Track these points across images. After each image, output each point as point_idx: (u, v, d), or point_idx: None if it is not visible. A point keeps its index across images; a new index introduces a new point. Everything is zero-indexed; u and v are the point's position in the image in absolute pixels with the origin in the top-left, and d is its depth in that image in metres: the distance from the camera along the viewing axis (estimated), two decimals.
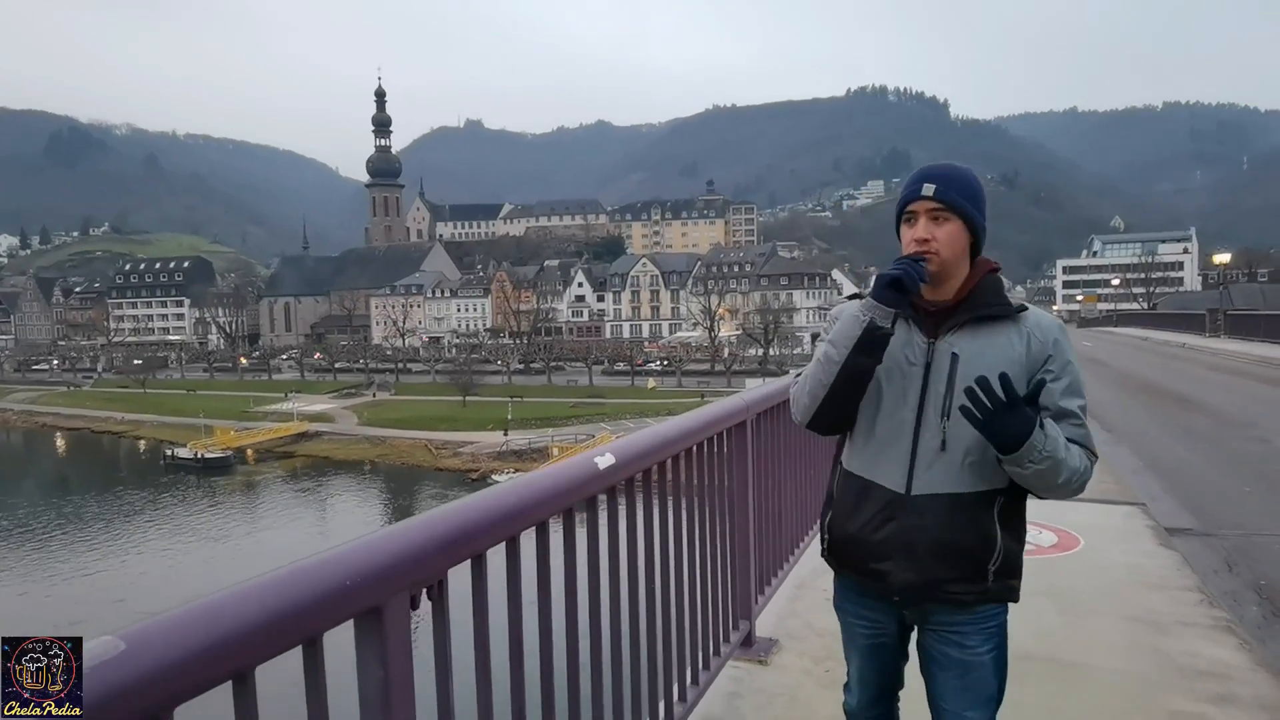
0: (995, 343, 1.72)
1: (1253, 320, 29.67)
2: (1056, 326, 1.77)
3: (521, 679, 1.77)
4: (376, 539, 1.37)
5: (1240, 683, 3.11)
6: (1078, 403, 1.72)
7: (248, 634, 1.04)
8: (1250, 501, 6.44)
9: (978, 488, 1.72)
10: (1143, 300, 79.76)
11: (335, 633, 1.22)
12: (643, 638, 2.39)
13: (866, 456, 1.80)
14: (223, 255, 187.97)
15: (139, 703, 0.89)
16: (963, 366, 1.70)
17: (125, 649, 0.89)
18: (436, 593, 1.48)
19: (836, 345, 1.73)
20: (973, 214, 1.76)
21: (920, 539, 1.73)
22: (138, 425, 70.85)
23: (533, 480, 1.83)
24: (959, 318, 1.74)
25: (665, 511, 2.56)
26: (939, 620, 1.79)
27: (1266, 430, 9.56)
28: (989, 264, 1.81)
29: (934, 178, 1.76)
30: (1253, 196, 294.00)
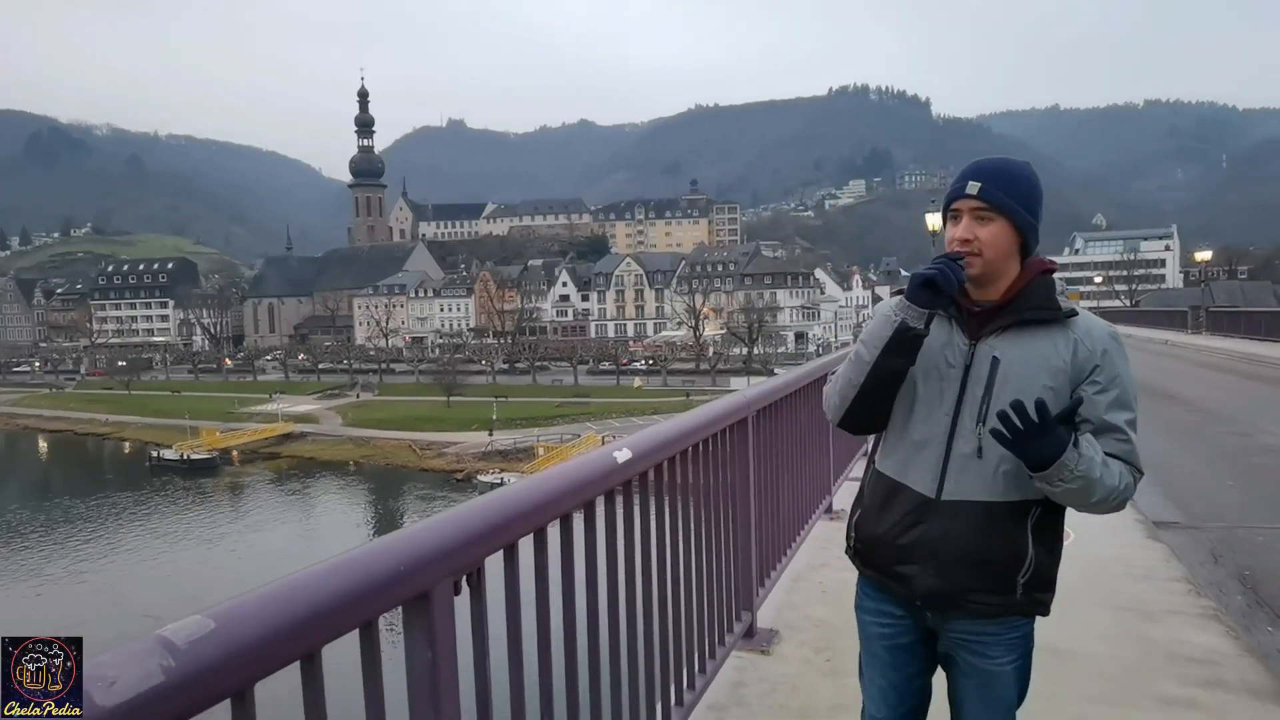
0: (1039, 348, 1.65)
1: (1233, 317, 30.12)
2: (1108, 335, 1.68)
3: (549, 663, 1.85)
4: (423, 528, 1.44)
5: (1227, 668, 3.22)
6: (1124, 416, 1.64)
7: (317, 615, 1.10)
8: (1233, 495, 6.60)
9: (1012, 497, 1.65)
10: (1125, 298, 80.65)
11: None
12: (655, 627, 2.47)
13: (899, 458, 1.75)
14: (206, 256, 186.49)
15: (228, 679, 0.95)
16: (1003, 371, 1.64)
17: (215, 627, 0.95)
18: (475, 579, 1.53)
19: (867, 345, 1.69)
20: (1021, 214, 1.68)
21: (947, 545, 1.68)
22: (122, 427, 70.32)
23: (560, 472, 1.91)
24: (1003, 320, 1.67)
25: (675, 507, 2.64)
26: (962, 628, 1.74)
27: (1248, 425, 9.76)
28: (1043, 264, 1.73)
29: (981, 174, 1.69)
30: (1232, 193, 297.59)
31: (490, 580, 1.63)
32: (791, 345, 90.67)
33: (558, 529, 1.93)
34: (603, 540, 2.16)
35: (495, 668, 1.62)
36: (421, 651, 1.37)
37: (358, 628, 1.21)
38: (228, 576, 28.89)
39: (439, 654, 1.39)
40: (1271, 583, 4.50)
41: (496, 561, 1.66)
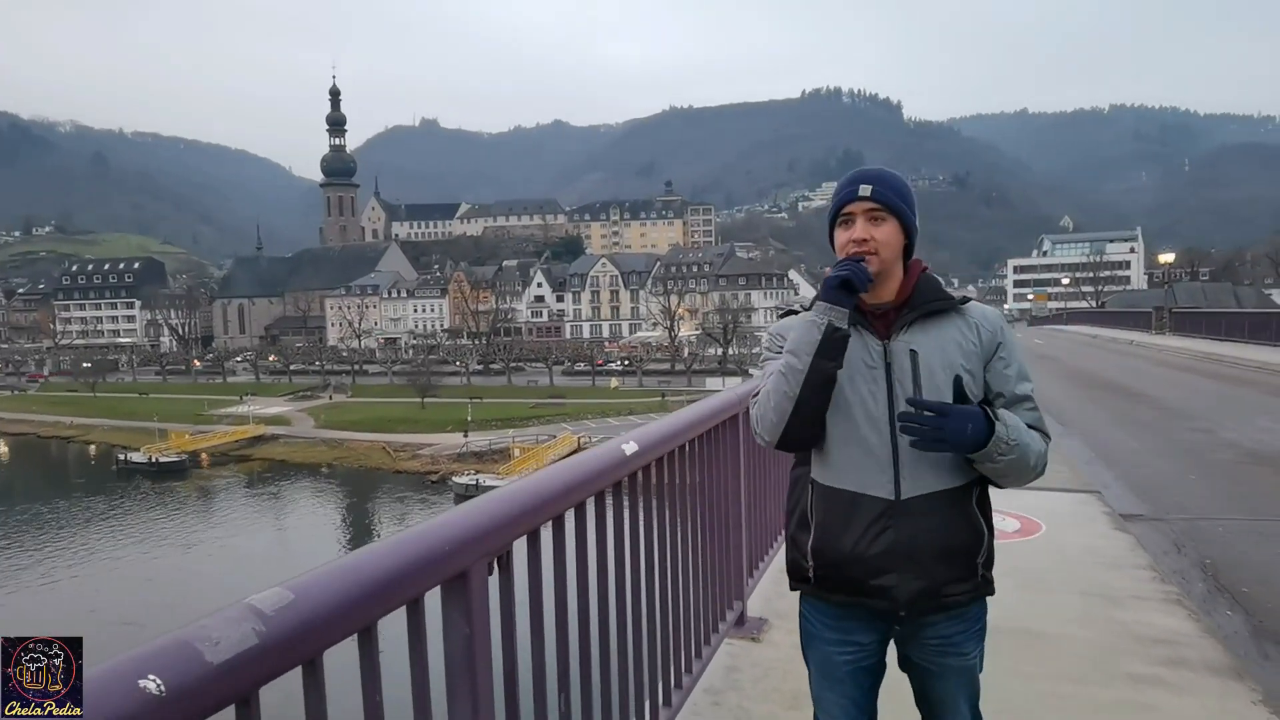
0: (948, 335, 1.73)
1: (1195, 318, 30.87)
2: (999, 316, 1.81)
3: (566, 642, 1.98)
4: (461, 513, 1.54)
5: (1189, 648, 3.41)
6: (1029, 387, 1.77)
7: (376, 590, 1.22)
8: (1195, 488, 6.86)
9: (960, 481, 1.71)
10: (1092, 299, 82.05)
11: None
12: (656, 614, 2.60)
13: (846, 468, 1.73)
14: (174, 256, 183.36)
15: (304, 646, 1.06)
16: (924, 361, 1.70)
17: (294, 598, 1.06)
18: (505, 561, 1.66)
19: (798, 354, 1.69)
20: (908, 214, 1.75)
21: (921, 543, 1.68)
22: (88, 429, 69.04)
23: (576, 463, 2.04)
24: (909, 315, 1.74)
25: (672, 500, 2.77)
26: (935, 633, 1.75)
27: (1209, 421, 10.09)
28: (920, 263, 1.82)
29: (869, 179, 1.76)
30: (1194, 196, 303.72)
31: (515, 564, 1.76)
32: (763, 349, 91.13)
33: (572, 519, 2.07)
34: (611, 530, 2.28)
35: (520, 644, 1.76)
36: (460, 627, 1.48)
37: (406, 604, 1.32)
38: (205, 582, 28.59)
39: (475, 629, 1.49)
40: (1230, 570, 4.72)
41: (521, 547, 1.79)
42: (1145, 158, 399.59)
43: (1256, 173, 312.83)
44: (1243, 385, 14.40)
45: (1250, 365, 17.71)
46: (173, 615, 10.25)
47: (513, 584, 1.71)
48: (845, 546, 1.71)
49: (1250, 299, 56.54)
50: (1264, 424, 9.81)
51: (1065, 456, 7.86)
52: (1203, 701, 2.96)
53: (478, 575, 1.52)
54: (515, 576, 1.72)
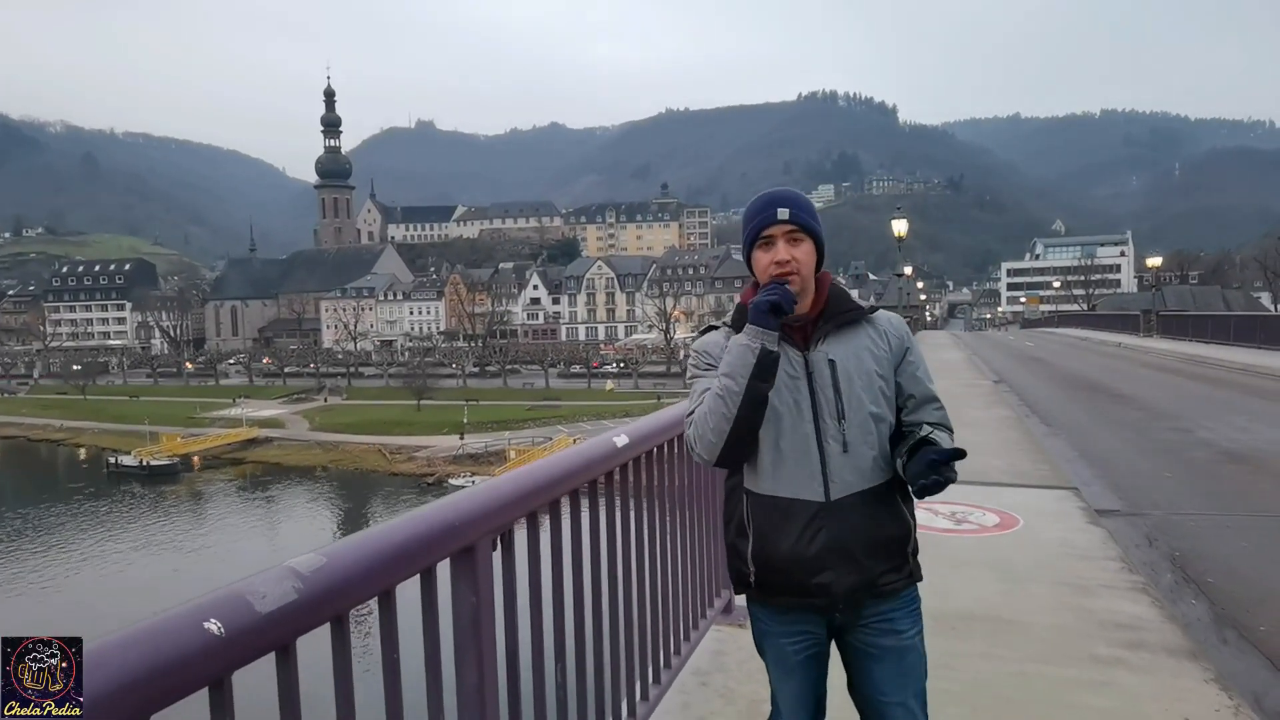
0: (861, 343, 1.84)
1: (1182, 321, 31.22)
2: (903, 322, 1.93)
3: (563, 620, 2.16)
4: (468, 494, 1.74)
5: (1151, 632, 3.61)
6: (934, 388, 1.90)
7: (394, 557, 1.40)
8: (1170, 485, 7.06)
9: (883, 479, 1.82)
10: (1082, 301, 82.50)
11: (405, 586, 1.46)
12: (647, 599, 2.78)
13: (779, 476, 1.81)
14: (165, 257, 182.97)
15: (335, 603, 1.23)
16: (841, 369, 1.81)
17: (326, 562, 1.22)
18: (508, 540, 1.85)
19: (734, 376, 1.76)
20: (820, 233, 1.87)
21: (854, 540, 1.78)
22: (77, 433, 68.82)
23: (571, 453, 2.22)
24: (825, 326, 1.84)
25: (660, 492, 2.95)
26: (871, 613, 1.83)
27: (1189, 422, 10.32)
28: (829, 275, 1.93)
29: (785, 202, 1.84)
30: (1183, 201, 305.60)
31: (516, 543, 1.94)
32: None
33: (567, 506, 2.25)
34: (604, 518, 2.46)
35: (520, 616, 1.94)
36: (467, 596, 1.66)
37: (420, 572, 1.49)
38: (197, 587, 28.57)
39: (481, 599, 1.68)
40: (1198, 562, 4.93)
41: (521, 528, 1.97)
42: (1135, 162, 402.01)
43: (1245, 177, 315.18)
44: (1224, 387, 14.67)
45: (1233, 367, 18.01)
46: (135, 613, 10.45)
47: (514, 561, 1.89)
48: (783, 549, 1.80)
49: (1238, 302, 57.07)
50: (1240, 424, 10.05)
51: (1047, 455, 8.08)
52: (1158, 679, 3.15)
53: (483, 550, 1.71)
54: (516, 554, 1.91)
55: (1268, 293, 74.58)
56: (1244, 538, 5.52)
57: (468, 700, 1.67)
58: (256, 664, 1.08)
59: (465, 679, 1.68)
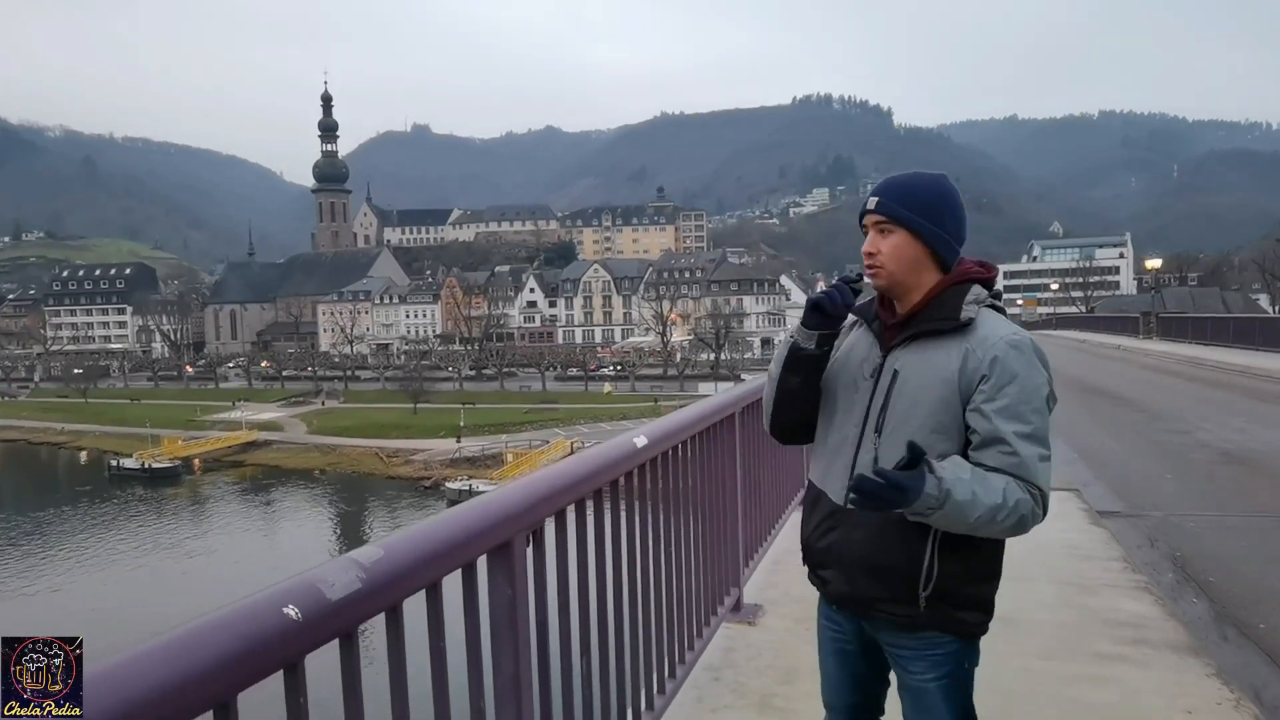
0: (934, 359, 1.66)
1: (1181, 323, 31.32)
2: (1005, 343, 1.62)
3: (588, 613, 2.23)
4: (504, 493, 1.81)
5: (1153, 630, 3.69)
6: (1013, 428, 1.57)
7: (442, 551, 1.48)
8: (1170, 487, 7.15)
9: None
10: (1081, 304, 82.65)
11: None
12: (663, 597, 2.85)
13: (820, 467, 1.83)
14: (165, 261, 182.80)
15: (391, 593, 1.31)
16: (899, 384, 1.68)
17: (384, 554, 1.30)
18: (539, 536, 1.92)
19: (775, 363, 1.80)
20: (921, 224, 1.68)
21: (849, 552, 1.73)
22: (79, 436, 68.86)
23: (595, 453, 2.30)
24: (909, 331, 1.70)
25: (675, 493, 3.03)
26: (887, 639, 1.77)
27: (1188, 424, 10.41)
28: (964, 274, 1.71)
29: (880, 189, 1.74)
30: (1182, 202, 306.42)
31: (546, 540, 2.02)
32: (758, 351, 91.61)
33: (590, 506, 2.32)
34: (624, 518, 2.54)
35: (550, 610, 2.01)
36: (503, 589, 1.75)
37: (462, 566, 1.56)
38: (203, 587, 28.67)
39: (516, 591, 1.76)
40: (1199, 562, 5.01)
41: (550, 526, 2.04)
42: (1134, 164, 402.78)
43: (1244, 179, 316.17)
44: (1223, 389, 14.77)
45: (1231, 369, 18.11)
46: (169, 621, 10.56)
47: (544, 557, 1.97)
48: (805, 534, 1.86)
49: (1237, 304, 57.21)
50: (1238, 425, 10.15)
51: None
52: (1160, 674, 3.24)
53: (518, 546, 1.79)
54: (546, 551, 1.99)
55: (1266, 294, 74.79)
56: (1243, 538, 5.61)
57: (505, 687, 1.75)
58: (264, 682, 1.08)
59: (502, 667, 1.76)
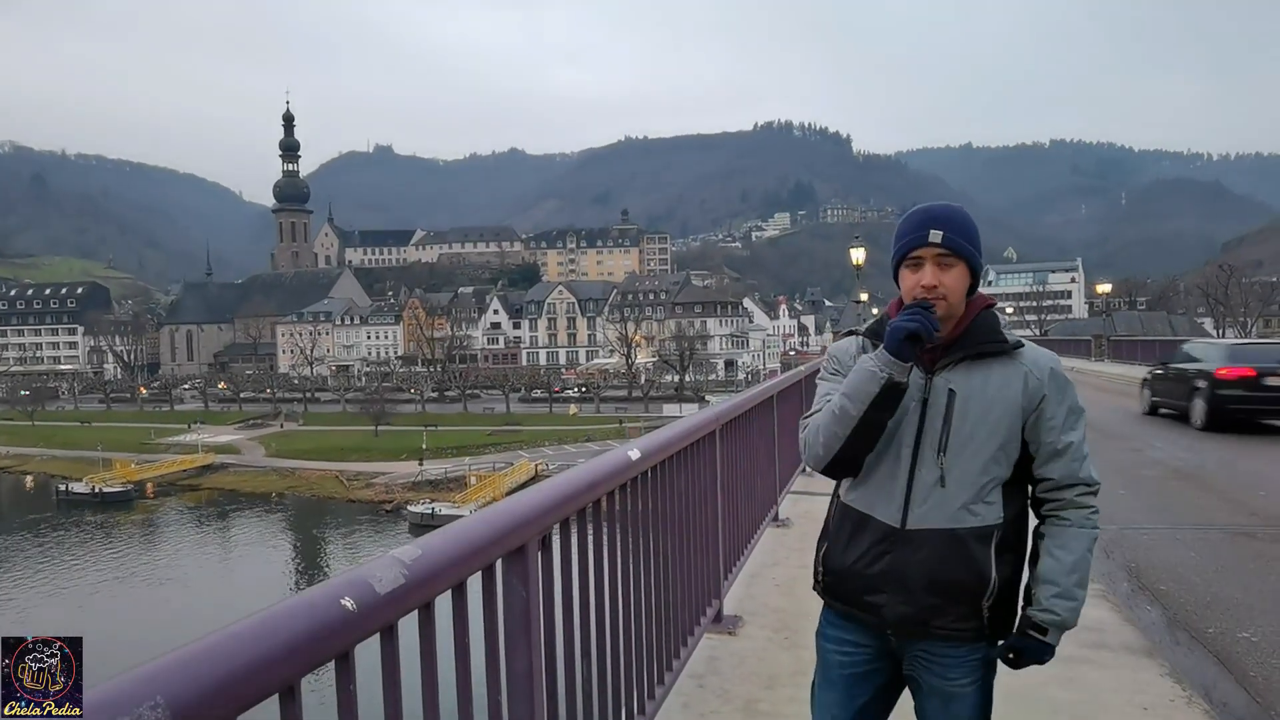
0: (992, 379, 1.72)
1: (1131, 345, 32.36)
2: (1051, 360, 1.77)
3: (588, 618, 2.34)
4: (518, 501, 1.92)
5: (1111, 634, 3.90)
6: (1073, 437, 1.74)
7: (468, 553, 1.58)
8: (1124, 502, 7.45)
9: (972, 524, 1.71)
10: (1035, 327, 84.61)
11: None
12: (652, 606, 2.97)
13: (865, 490, 1.80)
14: (119, 280, 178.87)
15: (427, 590, 1.41)
16: (960, 403, 1.71)
17: (421, 554, 1.40)
18: (547, 543, 2.03)
19: (853, 400, 1.71)
20: (976, 257, 1.76)
21: (914, 573, 1.72)
22: (24, 460, 66.85)
23: (595, 464, 2.42)
24: (956, 354, 1.73)
25: (659, 507, 3.15)
26: (923, 649, 1.79)
27: (1139, 442, 10.83)
28: (984, 300, 1.82)
29: (939, 222, 1.75)
30: (1130, 228, 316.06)
31: (554, 547, 2.13)
32: (722, 373, 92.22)
33: (588, 517, 2.43)
34: (618, 529, 2.65)
35: (557, 614, 2.12)
36: (518, 591, 1.86)
37: (482, 569, 1.68)
38: (151, 615, 27.95)
39: (530, 593, 1.87)
40: (1152, 572, 5.25)
41: (557, 533, 2.16)
42: (1084, 191, 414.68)
43: (1187, 207, 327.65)
44: None
45: None
46: (120, 649, 10.33)
47: (553, 562, 2.08)
48: (848, 561, 1.81)
49: (1184, 328, 59.08)
50: (1186, 444, 10.58)
51: None
52: (1118, 674, 3.43)
53: (532, 550, 1.90)
54: (552, 557, 2.10)
55: (1210, 318, 77.36)
56: (1192, 549, 5.88)
57: (518, 684, 1.86)
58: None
59: (515, 665, 1.86)
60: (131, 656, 0.94)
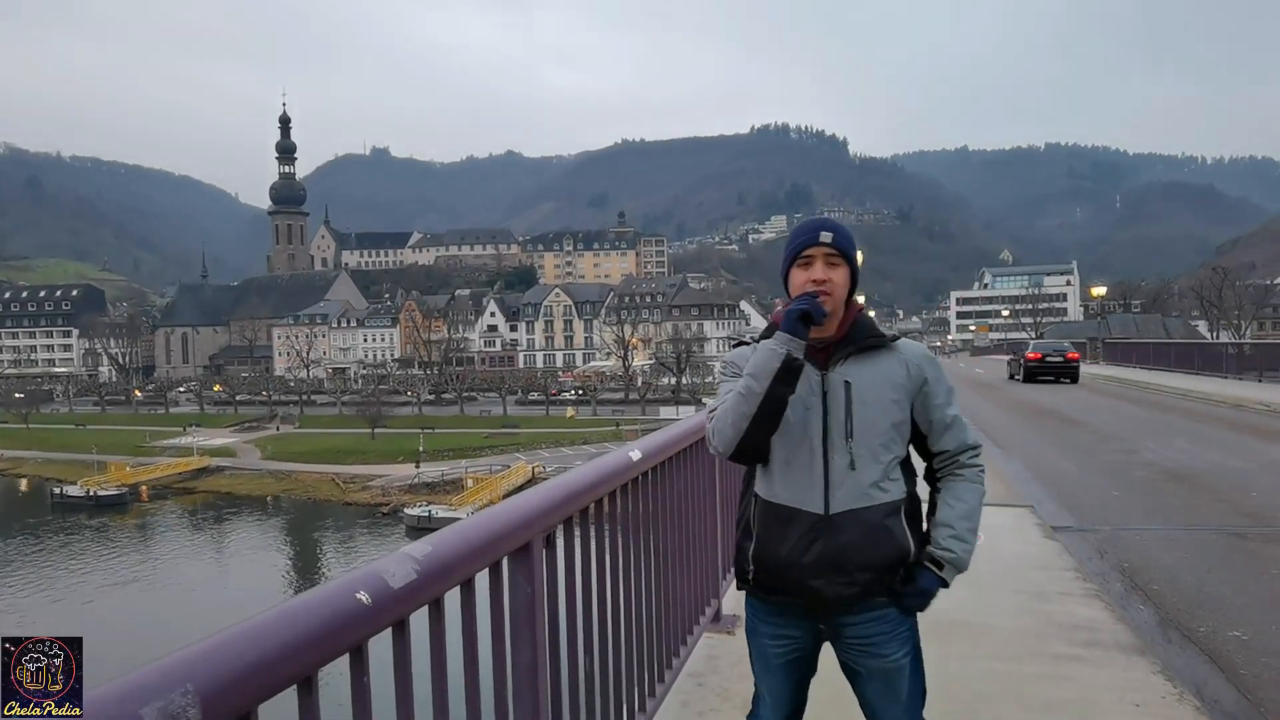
0: (880, 370, 1.91)
1: (1126, 348, 32.47)
2: (925, 353, 2.01)
3: (590, 615, 2.39)
4: (524, 499, 1.98)
5: (1104, 632, 3.95)
6: (955, 410, 1.99)
7: (476, 549, 1.64)
8: (1118, 503, 7.51)
9: (884, 500, 1.89)
10: (1031, 330, 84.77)
11: None
12: (652, 606, 3.01)
13: (785, 484, 1.92)
14: (114, 283, 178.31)
15: (436, 587, 1.44)
16: (857, 393, 1.89)
17: (432, 550, 1.47)
18: (551, 541, 2.08)
19: (758, 378, 1.85)
20: (855, 262, 1.97)
21: (847, 553, 1.86)
22: (19, 463, 66.71)
23: (594, 465, 2.47)
24: (845, 350, 1.92)
25: (658, 508, 3.19)
26: (855, 634, 1.92)
27: (1133, 444, 10.89)
28: (858, 304, 2.03)
29: (830, 227, 1.95)
30: (1124, 231, 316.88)
31: (558, 545, 2.18)
32: (719, 375, 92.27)
33: (590, 516, 2.48)
34: (619, 528, 2.70)
35: (560, 608, 2.17)
36: (523, 587, 1.91)
37: (489, 565, 1.74)
38: (143, 620, 27.88)
39: (535, 589, 1.92)
40: (1145, 571, 5.31)
41: (560, 532, 2.20)
42: (1078, 194, 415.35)
43: (1181, 210, 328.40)
44: (1165, 411, 15.42)
45: (1173, 392, 18.88)
46: (117, 651, 10.34)
47: (556, 560, 2.13)
48: (781, 554, 1.91)
49: (1178, 330, 59.37)
50: (1180, 445, 10.65)
51: (1004, 476, 8.50)
52: (1111, 672, 3.48)
53: (537, 547, 1.96)
54: (556, 556, 2.15)
55: (1205, 321, 77.64)
56: (1184, 549, 5.94)
57: (522, 676, 1.90)
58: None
59: (520, 658, 1.91)
60: (129, 658, 0.92)
